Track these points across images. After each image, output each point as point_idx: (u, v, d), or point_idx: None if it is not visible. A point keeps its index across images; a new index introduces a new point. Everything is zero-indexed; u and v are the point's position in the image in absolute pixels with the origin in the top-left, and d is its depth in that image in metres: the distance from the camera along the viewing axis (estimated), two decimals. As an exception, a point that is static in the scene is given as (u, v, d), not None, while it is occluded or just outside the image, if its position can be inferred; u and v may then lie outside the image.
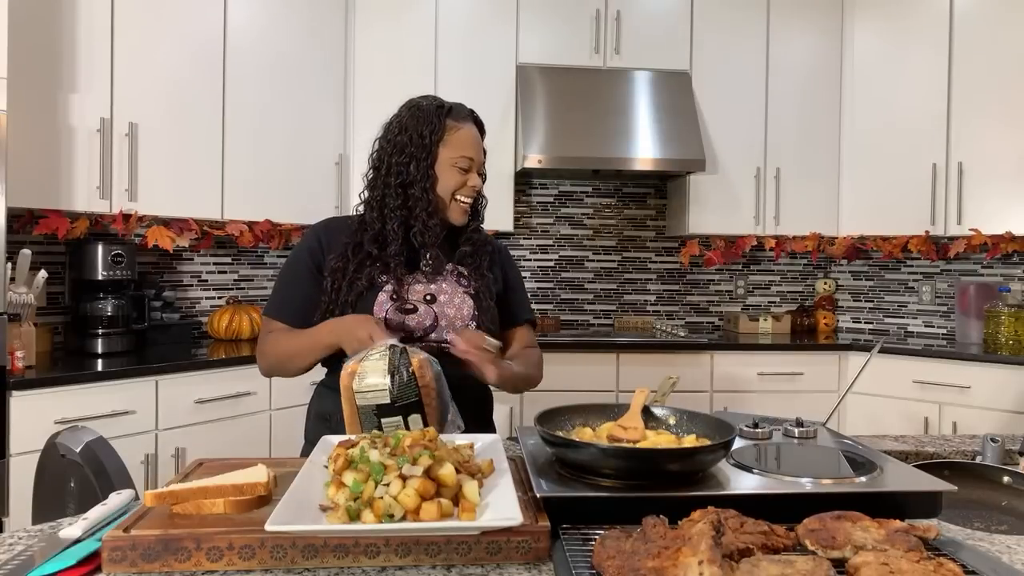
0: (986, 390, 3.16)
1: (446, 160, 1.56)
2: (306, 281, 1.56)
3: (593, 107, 3.66)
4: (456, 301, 1.57)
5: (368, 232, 1.55)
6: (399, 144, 1.56)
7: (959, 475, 1.45)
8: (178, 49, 2.97)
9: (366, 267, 1.53)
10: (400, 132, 1.57)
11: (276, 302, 1.58)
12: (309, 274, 1.56)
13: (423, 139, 1.54)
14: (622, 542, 0.87)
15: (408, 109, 1.60)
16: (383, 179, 1.58)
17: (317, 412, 1.62)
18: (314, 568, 0.92)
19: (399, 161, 1.56)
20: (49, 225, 2.68)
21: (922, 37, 3.65)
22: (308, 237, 1.63)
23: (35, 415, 2.31)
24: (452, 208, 1.59)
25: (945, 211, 3.59)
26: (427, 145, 1.54)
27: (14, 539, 1.01)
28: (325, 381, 1.62)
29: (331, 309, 1.51)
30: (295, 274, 1.58)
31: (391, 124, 1.61)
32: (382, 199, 1.58)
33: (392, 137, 1.58)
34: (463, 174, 1.57)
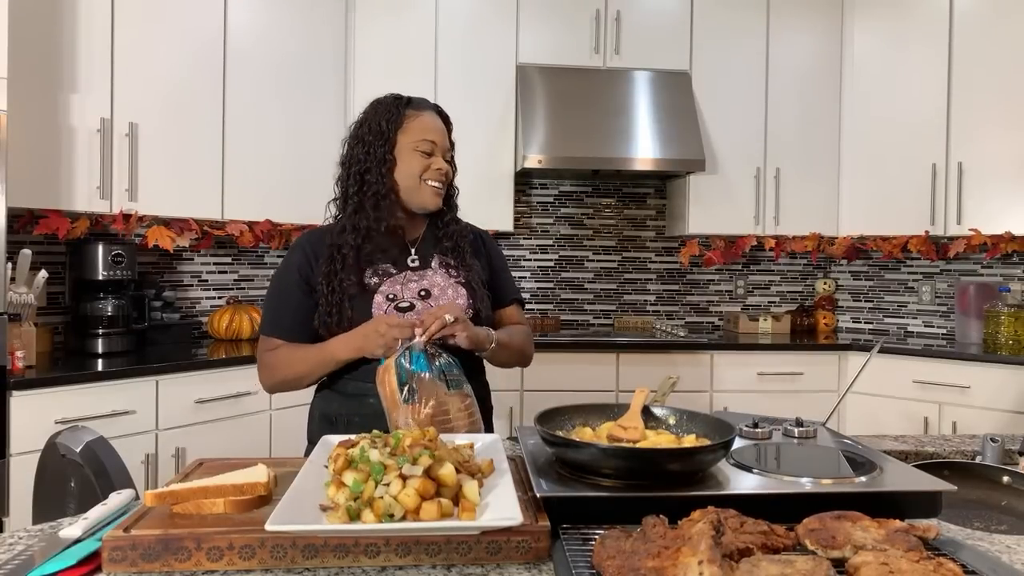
0: (986, 390, 3.16)
1: (406, 145, 1.59)
2: (297, 295, 1.57)
3: (593, 107, 3.66)
4: (449, 293, 1.60)
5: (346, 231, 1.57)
6: (359, 136, 1.61)
7: (959, 475, 1.45)
8: (178, 49, 2.97)
9: (353, 266, 1.55)
10: (361, 126, 1.62)
11: (271, 320, 1.59)
12: (299, 288, 1.57)
13: (380, 127, 1.58)
14: (622, 542, 0.87)
15: (371, 105, 1.64)
16: (346, 172, 1.62)
17: (322, 414, 1.62)
18: (314, 568, 0.92)
19: (359, 152, 1.59)
20: (49, 225, 2.68)
21: (922, 37, 3.65)
22: (294, 252, 1.62)
23: (35, 415, 2.31)
24: (423, 191, 1.63)
25: (945, 211, 3.59)
26: (384, 132, 1.57)
27: (14, 539, 1.01)
28: (329, 384, 1.62)
29: (329, 312, 1.53)
30: (285, 290, 1.59)
31: (356, 122, 1.64)
32: (345, 192, 1.62)
33: (354, 132, 1.63)
34: (426, 157, 1.61)
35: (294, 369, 1.54)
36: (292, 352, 1.55)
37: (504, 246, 4.13)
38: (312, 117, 3.49)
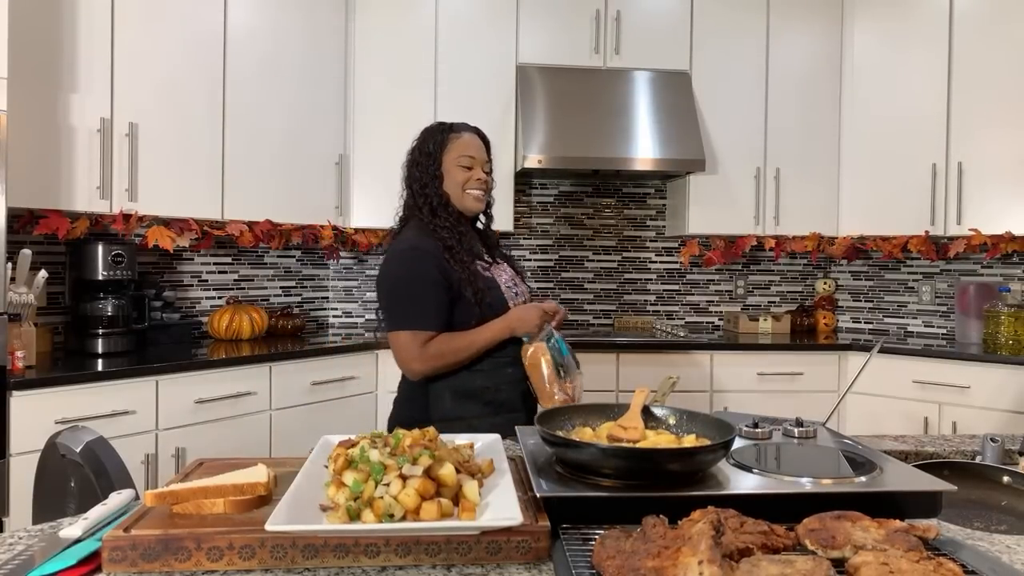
0: (986, 390, 3.16)
1: (451, 162, 1.92)
2: (440, 294, 1.78)
3: (593, 107, 3.66)
4: (518, 283, 1.99)
5: (448, 235, 1.84)
6: (415, 160, 1.94)
7: (959, 475, 1.45)
8: (178, 49, 2.97)
9: (470, 263, 1.82)
10: (415, 151, 1.95)
11: (422, 316, 1.77)
12: (440, 287, 1.78)
13: (429, 150, 1.92)
14: (622, 542, 0.87)
15: (421, 133, 1.99)
16: (409, 190, 1.93)
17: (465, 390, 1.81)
18: (314, 568, 0.92)
19: (415, 172, 1.92)
20: (49, 225, 2.67)
21: (922, 37, 3.65)
22: (425, 258, 1.79)
23: (35, 415, 2.31)
24: (466, 198, 1.92)
25: (945, 211, 3.59)
26: (432, 153, 1.91)
27: (14, 539, 1.01)
28: (468, 365, 1.81)
29: (478, 303, 1.79)
30: (430, 290, 1.78)
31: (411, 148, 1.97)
32: (412, 204, 1.91)
33: (411, 157, 1.96)
34: (466, 170, 1.92)
35: (459, 355, 1.78)
36: (452, 340, 1.78)
37: (504, 246, 4.12)
38: (312, 117, 3.49)
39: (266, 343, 3.31)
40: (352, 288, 4.06)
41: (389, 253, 1.85)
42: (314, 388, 3.16)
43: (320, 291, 4.01)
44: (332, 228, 3.59)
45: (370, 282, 4.06)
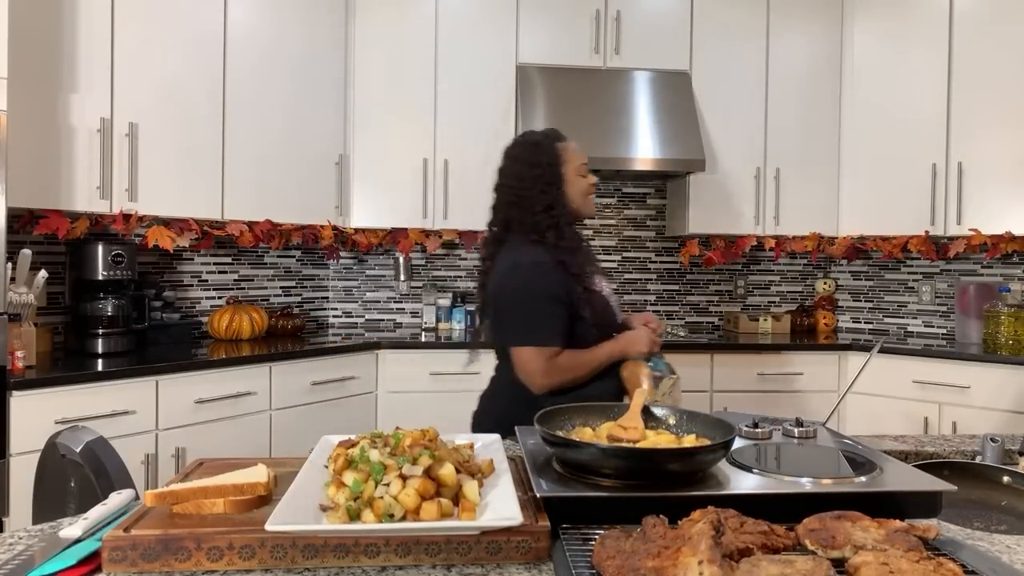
0: (986, 390, 3.16)
1: (573, 172, 1.90)
2: (563, 309, 1.80)
3: (593, 107, 3.66)
4: (614, 297, 1.97)
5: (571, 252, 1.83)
6: (534, 176, 1.86)
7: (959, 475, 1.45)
8: (178, 49, 2.97)
9: (588, 282, 1.84)
10: (528, 167, 1.87)
11: (550, 331, 1.78)
12: (563, 304, 1.79)
13: (547, 163, 1.87)
14: (622, 542, 0.87)
15: (528, 147, 1.90)
16: (530, 205, 1.85)
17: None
18: (314, 568, 0.92)
19: (537, 190, 1.85)
20: (49, 225, 2.67)
21: (922, 37, 3.65)
22: (549, 274, 1.79)
23: (35, 415, 2.31)
24: (588, 204, 1.94)
25: (945, 211, 3.59)
26: (552, 165, 1.87)
27: (14, 539, 1.01)
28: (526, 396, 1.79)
29: (599, 320, 1.83)
30: (555, 305, 1.79)
31: (517, 162, 1.89)
32: (532, 222, 1.84)
33: (522, 171, 1.87)
34: (585, 178, 1.93)
35: (581, 371, 1.80)
36: (577, 356, 1.80)
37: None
38: (312, 117, 3.49)
39: (266, 343, 3.31)
40: (352, 288, 4.06)
41: (511, 266, 1.81)
42: (314, 388, 3.16)
43: (320, 291, 4.01)
44: (332, 228, 3.59)
45: (370, 282, 4.06)
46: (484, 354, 2.09)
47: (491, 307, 1.86)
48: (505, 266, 1.82)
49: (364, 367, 3.38)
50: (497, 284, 1.82)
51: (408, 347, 3.46)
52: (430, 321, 3.94)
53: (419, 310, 4.08)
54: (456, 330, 3.91)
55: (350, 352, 3.32)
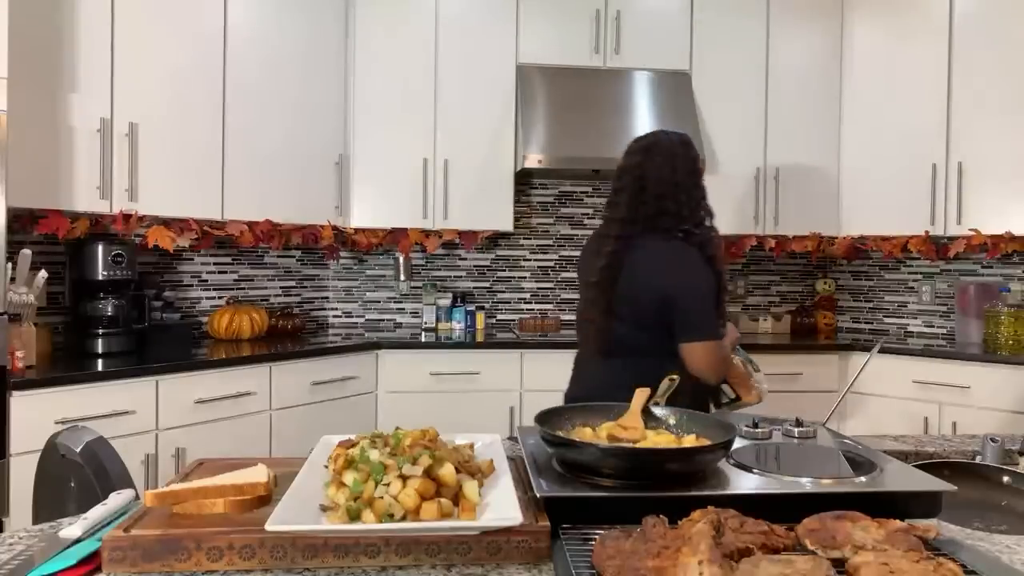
0: (986, 390, 3.16)
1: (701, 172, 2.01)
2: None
3: (593, 107, 3.66)
4: None
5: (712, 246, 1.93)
6: (696, 172, 1.95)
7: (959, 475, 1.45)
8: (178, 49, 2.97)
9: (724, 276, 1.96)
10: (693, 165, 1.95)
11: (716, 325, 1.87)
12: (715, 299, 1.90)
13: (698, 166, 1.98)
14: (622, 542, 0.87)
15: (690, 147, 1.98)
16: (692, 206, 1.92)
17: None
18: (314, 568, 0.92)
19: (697, 189, 1.94)
20: (49, 225, 2.67)
21: (922, 37, 3.65)
22: (707, 267, 1.87)
23: (35, 415, 2.31)
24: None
25: (945, 211, 3.59)
26: (700, 167, 2.00)
27: (14, 539, 1.01)
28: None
29: (720, 315, 1.92)
30: (713, 299, 1.87)
31: (676, 159, 1.93)
32: (690, 214, 1.91)
33: (692, 167, 1.95)
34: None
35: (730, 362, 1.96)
36: (726, 348, 1.93)
37: (504, 246, 4.13)
38: (312, 117, 3.49)
39: (266, 343, 3.31)
40: (352, 288, 4.06)
41: (691, 257, 1.84)
42: (314, 388, 3.16)
43: (320, 291, 4.01)
44: (332, 228, 3.59)
45: (370, 282, 4.06)
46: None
47: (646, 303, 1.84)
48: (682, 262, 1.84)
49: (364, 367, 3.38)
50: (664, 282, 1.82)
51: (408, 347, 3.46)
52: (430, 321, 3.94)
53: (419, 310, 4.08)
54: (456, 330, 3.91)
55: (350, 352, 3.32)
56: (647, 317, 1.84)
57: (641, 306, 1.85)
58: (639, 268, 1.84)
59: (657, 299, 1.81)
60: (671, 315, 1.81)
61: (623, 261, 1.87)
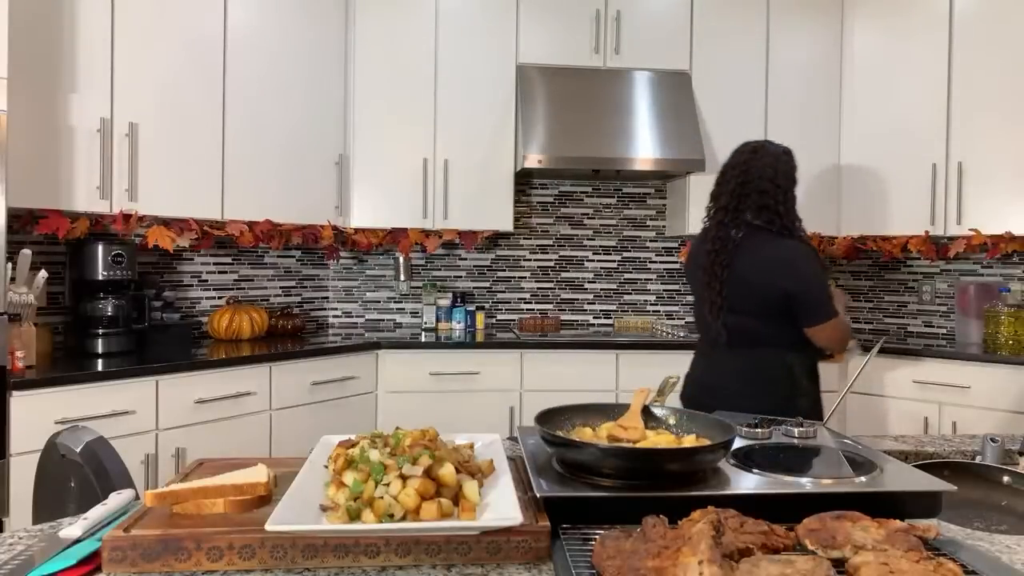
0: (986, 390, 3.16)
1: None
2: None
3: (593, 107, 3.66)
4: None
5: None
6: (793, 180, 2.26)
7: (959, 475, 1.45)
8: (178, 49, 2.97)
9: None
10: (788, 180, 2.23)
11: (833, 305, 2.07)
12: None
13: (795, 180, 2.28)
14: (622, 542, 0.87)
15: (790, 156, 2.28)
16: (791, 207, 2.20)
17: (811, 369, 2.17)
18: (314, 568, 0.92)
19: (792, 192, 2.23)
20: (49, 225, 2.68)
21: (922, 37, 3.65)
22: (818, 259, 2.14)
23: (35, 415, 2.31)
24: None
25: (945, 211, 3.59)
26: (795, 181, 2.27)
27: (14, 539, 1.01)
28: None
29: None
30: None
31: (784, 166, 2.23)
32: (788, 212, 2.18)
33: (788, 176, 2.24)
34: None
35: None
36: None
37: (504, 246, 4.13)
38: (312, 117, 3.49)
39: (266, 343, 3.31)
40: (352, 288, 4.06)
41: (804, 253, 2.08)
42: (314, 388, 3.16)
43: (320, 291, 4.01)
44: (332, 228, 3.59)
45: (370, 282, 4.06)
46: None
47: (772, 298, 2.05)
48: (797, 255, 2.07)
49: (364, 367, 3.38)
50: (789, 279, 2.03)
51: (408, 347, 3.46)
52: (430, 321, 3.94)
53: (419, 310, 4.08)
54: (456, 330, 3.91)
55: (350, 352, 3.32)
56: (769, 310, 2.05)
57: (765, 300, 2.05)
58: (759, 267, 2.05)
59: (782, 294, 2.02)
60: (794, 306, 2.03)
61: (736, 255, 2.08)
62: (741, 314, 2.07)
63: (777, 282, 2.01)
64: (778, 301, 2.02)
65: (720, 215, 2.15)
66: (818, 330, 2.05)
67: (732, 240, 2.09)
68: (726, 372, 2.15)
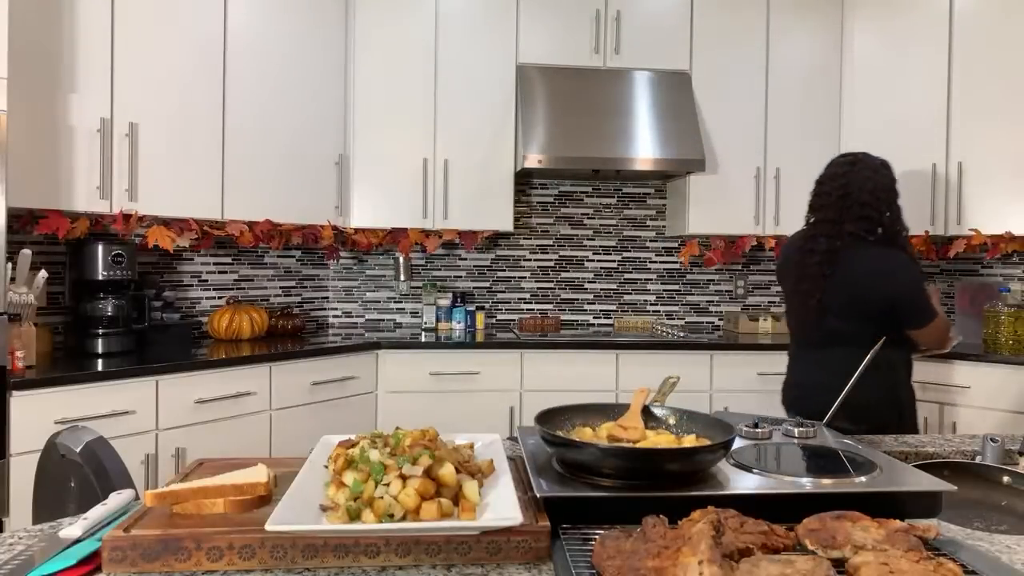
0: (986, 390, 3.16)
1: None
2: None
3: (593, 107, 3.66)
4: None
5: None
6: (889, 199, 2.29)
7: (959, 475, 1.45)
8: (178, 49, 2.97)
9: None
10: (886, 191, 2.29)
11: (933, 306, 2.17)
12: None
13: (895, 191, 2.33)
14: (622, 542, 0.87)
15: (881, 173, 2.33)
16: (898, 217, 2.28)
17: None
18: (314, 568, 0.92)
19: (897, 210, 2.29)
20: (49, 225, 2.68)
21: (922, 37, 3.65)
22: (917, 265, 2.23)
23: (35, 415, 2.31)
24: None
25: (945, 211, 3.59)
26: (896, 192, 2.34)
27: (14, 539, 1.01)
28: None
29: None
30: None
31: (888, 179, 2.33)
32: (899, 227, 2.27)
33: (892, 189, 2.32)
34: None
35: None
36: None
37: (504, 246, 4.13)
38: (312, 117, 3.49)
39: (266, 343, 3.31)
40: (352, 288, 4.06)
41: (904, 263, 2.17)
42: (314, 388, 3.16)
43: (320, 291, 4.01)
44: (332, 228, 3.60)
45: (370, 282, 4.06)
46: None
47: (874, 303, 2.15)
48: (898, 263, 2.17)
49: (364, 367, 3.38)
50: (892, 286, 2.13)
51: (408, 347, 3.46)
52: (430, 321, 3.94)
53: (419, 310, 4.08)
54: (456, 330, 3.91)
55: (350, 352, 3.32)
56: (870, 314, 2.14)
57: (868, 306, 2.14)
58: (862, 275, 2.15)
59: (885, 302, 2.12)
60: (897, 313, 2.14)
61: (839, 262, 2.19)
62: (843, 318, 2.18)
63: (880, 290, 2.13)
64: (881, 307, 2.14)
65: (823, 228, 2.28)
66: (923, 332, 2.18)
67: (835, 250, 2.22)
68: (828, 372, 2.20)
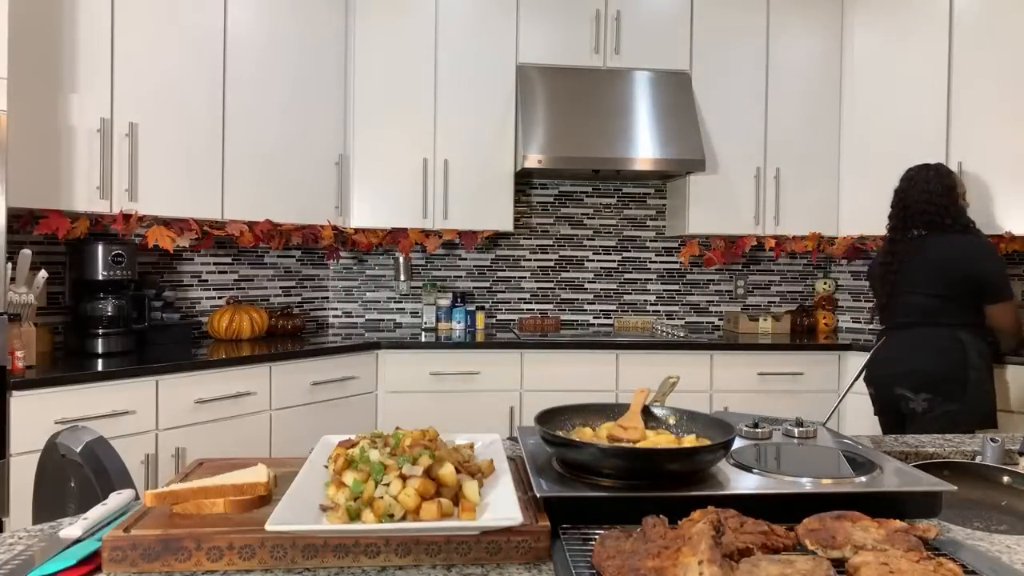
0: (986, 390, 3.15)
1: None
2: None
3: (593, 107, 3.66)
4: None
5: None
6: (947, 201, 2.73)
7: (959, 475, 1.45)
8: (178, 49, 2.97)
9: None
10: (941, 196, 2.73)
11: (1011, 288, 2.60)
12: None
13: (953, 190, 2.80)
14: (622, 542, 0.87)
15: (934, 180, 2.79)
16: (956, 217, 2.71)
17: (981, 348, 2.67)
18: (314, 568, 0.92)
19: (960, 207, 2.76)
20: (49, 225, 2.67)
21: (922, 37, 3.65)
22: (995, 248, 2.66)
23: (35, 415, 2.31)
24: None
25: (945, 211, 3.58)
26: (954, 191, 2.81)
27: (14, 539, 1.01)
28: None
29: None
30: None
31: (952, 180, 2.81)
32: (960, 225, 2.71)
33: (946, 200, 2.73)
34: None
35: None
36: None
37: (504, 246, 4.13)
38: (312, 117, 3.49)
39: (266, 343, 3.31)
40: (352, 288, 4.06)
41: (985, 242, 2.59)
42: (314, 388, 3.16)
43: (320, 291, 4.01)
44: (332, 228, 3.60)
45: (370, 282, 4.06)
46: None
47: (957, 280, 2.53)
48: (977, 246, 2.56)
49: (364, 367, 3.38)
50: (973, 263, 2.51)
51: (408, 347, 3.46)
52: (430, 321, 3.94)
53: (419, 310, 4.08)
54: (456, 330, 3.91)
55: (350, 352, 3.32)
56: (954, 290, 2.48)
57: (951, 282, 2.49)
58: (945, 254, 2.54)
59: (967, 277, 2.46)
60: (976, 287, 2.45)
61: (916, 252, 2.63)
62: (925, 295, 2.55)
63: (963, 266, 2.46)
64: (963, 282, 2.44)
65: (893, 233, 2.82)
66: (997, 309, 2.48)
67: (906, 243, 2.68)
68: (904, 347, 2.61)
